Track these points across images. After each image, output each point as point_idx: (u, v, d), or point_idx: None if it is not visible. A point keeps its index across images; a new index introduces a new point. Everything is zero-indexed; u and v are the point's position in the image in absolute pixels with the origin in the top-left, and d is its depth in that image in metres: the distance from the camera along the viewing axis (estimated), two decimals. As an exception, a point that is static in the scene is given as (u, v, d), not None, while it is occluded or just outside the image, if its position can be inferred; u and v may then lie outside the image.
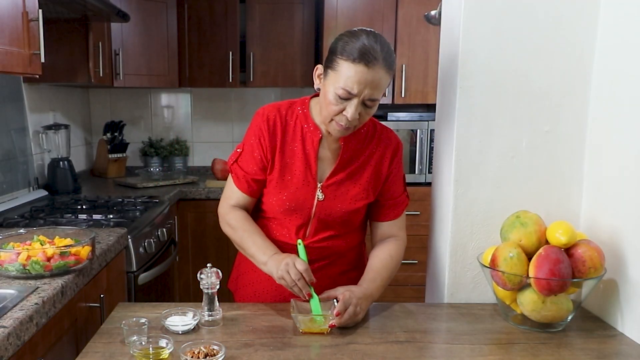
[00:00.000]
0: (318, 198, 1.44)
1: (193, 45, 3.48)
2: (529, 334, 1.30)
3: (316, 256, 1.47)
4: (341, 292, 1.33)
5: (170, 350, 1.15)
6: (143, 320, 1.23)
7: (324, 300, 1.33)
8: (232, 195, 1.50)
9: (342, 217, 1.46)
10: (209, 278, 1.32)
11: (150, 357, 1.13)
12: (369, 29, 1.32)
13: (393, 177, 1.50)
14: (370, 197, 1.48)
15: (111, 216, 2.22)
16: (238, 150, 1.50)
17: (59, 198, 2.64)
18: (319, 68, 1.38)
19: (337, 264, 1.53)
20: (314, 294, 1.32)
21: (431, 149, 3.35)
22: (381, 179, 1.49)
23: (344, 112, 1.31)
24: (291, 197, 1.44)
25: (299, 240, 1.41)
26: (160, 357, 1.14)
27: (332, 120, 1.35)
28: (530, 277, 1.26)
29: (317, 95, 1.46)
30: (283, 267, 1.30)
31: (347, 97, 1.29)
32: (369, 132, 1.48)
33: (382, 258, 1.48)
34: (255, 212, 1.55)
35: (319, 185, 1.44)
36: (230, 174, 1.51)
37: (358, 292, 1.35)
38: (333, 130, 1.37)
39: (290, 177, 1.44)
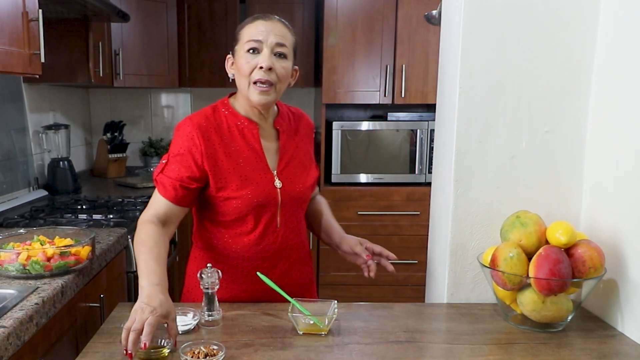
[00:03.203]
0: (278, 186, 1.46)
1: (193, 45, 3.48)
2: (529, 334, 1.30)
3: (282, 256, 1.50)
4: (355, 247, 1.56)
5: (169, 349, 1.15)
6: (143, 320, 1.23)
7: (310, 301, 1.35)
8: (153, 204, 1.42)
9: (302, 197, 1.52)
10: (209, 278, 1.32)
11: (151, 355, 1.13)
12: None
13: (312, 151, 1.64)
14: (313, 172, 1.58)
15: (111, 216, 2.22)
16: (163, 161, 1.44)
17: (59, 198, 2.64)
18: (229, 58, 1.47)
19: (296, 263, 1.54)
20: (293, 300, 1.32)
21: (431, 149, 3.35)
22: (312, 152, 1.62)
23: (258, 64, 1.37)
24: (257, 193, 1.42)
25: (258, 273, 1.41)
26: (160, 356, 1.14)
27: (250, 86, 1.39)
28: (530, 277, 1.26)
29: (232, 94, 1.51)
30: (144, 306, 1.17)
31: (256, 48, 1.38)
32: (290, 116, 1.57)
33: (324, 204, 1.70)
34: (221, 228, 1.47)
35: (274, 173, 1.47)
36: (155, 186, 1.43)
37: (356, 239, 1.57)
38: (256, 96, 1.39)
39: (246, 174, 1.43)
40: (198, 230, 1.53)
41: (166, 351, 1.15)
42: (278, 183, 1.46)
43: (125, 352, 1.11)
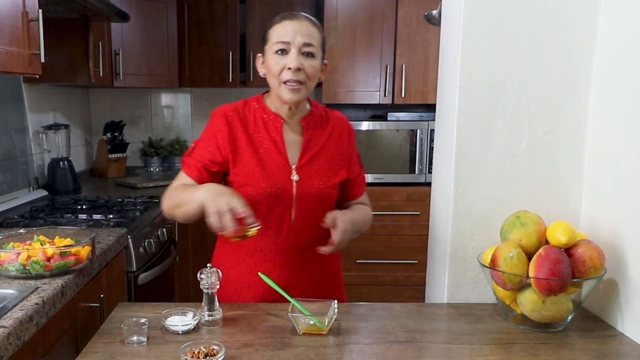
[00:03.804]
0: (294, 179, 1.48)
1: (193, 45, 3.48)
2: (529, 334, 1.30)
3: (297, 251, 1.50)
4: (335, 218, 1.43)
5: (256, 227, 1.30)
6: (143, 320, 1.23)
7: (310, 301, 1.35)
8: (178, 179, 1.52)
9: (321, 194, 1.51)
10: (209, 278, 1.32)
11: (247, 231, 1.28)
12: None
13: (354, 155, 1.61)
14: (341, 174, 1.56)
15: (111, 216, 2.22)
16: (192, 145, 1.55)
17: (59, 198, 2.64)
18: (259, 57, 1.52)
19: (312, 261, 1.53)
20: (293, 300, 1.33)
21: (431, 149, 3.35)
22: (346, 155, 1.58)
23: (286, 65, 1.41)
24: (271, 183, 1.47)
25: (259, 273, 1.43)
26: (250, 233, 1.29)
27: (280, 85, 1.44)
28: (530, 277, 1.26)
29: (267, 92, 1.55)
30: (220, 195, 1.30)
31: (284, 49, 1.42)
32: (324, 116, 1.58)
33: (358, 207, 1.62)
34: None
35: (293, 167, 1.49)
36: (181, 167, 1.53)
37: (347, 217, 1.44)
38: (287, 94, 1.44)
39: (265, 165, 1.48)
40: None
41: (254, 229, 1.29)
42: (295, 176, 1.48)
43: (221, 233, 1.28)
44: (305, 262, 1.52)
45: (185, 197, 1.41)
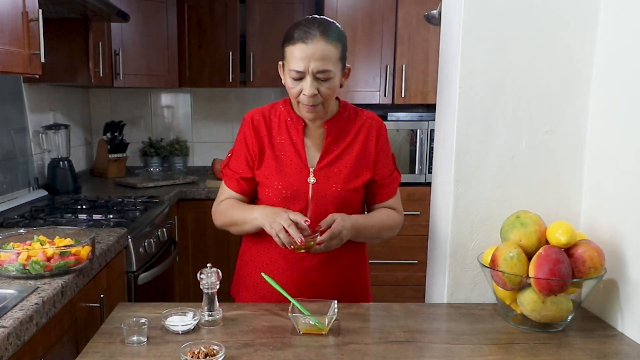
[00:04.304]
0: (310, 182, 1.50)
1: (193, 45, 3.48)
2: (529, 334, 1.30)
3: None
4: (333, 220, 1.41)
5: (315, 238, 1.36)
6: (143, 320, 1.23)
7: (310, 301, 1.35)
8: (222, 195, 1.60)
9: (338, 197, 1.50)
10: (209, 278, 1.32)
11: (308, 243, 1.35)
12: (312, 16, 1.48)
13: (383, 156, 1.57)
14: (364, 176, 1.53)
15: (111, 216, 2.22)
16: (228, 155, 1.60)
17: (59, 198, 2.64)
18: (280, 66, 1.50)
19: (327, 262, 1.53)
20: (294, 300, 1.33)
21: (431, 149, 3.35)
22: (371, 157, 1.55)
23: (302, 92, 1.42)
24: (286, 185, 1.49)
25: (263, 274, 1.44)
26: (311, 244, 1.35)
27: (299, 105, 1.46)
28: (530, 277, 1.26)
29: None
30: (277, 214, 1.39)
31: (300, 77, 1.42)
32: (351, 116, 1.58)
33: (380, 211, 1.59)
34: None
35: (311, 170, 1.50)
36: (222, 177, 1.61)
37: (348, 223, 1.42)
38: (306, 115, 1.48)
39: (283, 167, 1.51)
40: None
41: (316, 238, 1.35)
42: (312, 179, 1.50)
43: (290, 246, 1.35)
44: (320, 262, 1.52)
45: (239, 217, 1.51)
